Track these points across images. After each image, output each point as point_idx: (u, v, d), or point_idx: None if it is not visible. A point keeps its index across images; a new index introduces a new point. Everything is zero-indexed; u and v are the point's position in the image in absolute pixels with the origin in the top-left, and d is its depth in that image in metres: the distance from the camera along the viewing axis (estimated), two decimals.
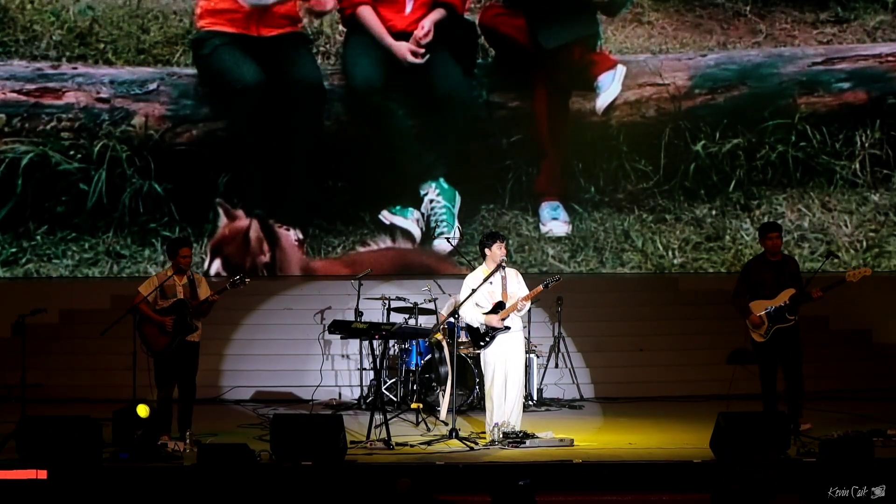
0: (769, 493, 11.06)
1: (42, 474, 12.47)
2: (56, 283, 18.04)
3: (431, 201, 18.36)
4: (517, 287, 14.13)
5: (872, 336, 17.37)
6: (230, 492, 11.88)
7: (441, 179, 18.38)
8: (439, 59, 18.24)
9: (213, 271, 17.90)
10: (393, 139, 18.33)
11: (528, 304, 14.35)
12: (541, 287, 14.11)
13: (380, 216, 18.44)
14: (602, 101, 18.41)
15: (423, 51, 18.01)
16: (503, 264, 14.13)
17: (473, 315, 14.07)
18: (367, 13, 18.17)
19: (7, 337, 15.17)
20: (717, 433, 13.18)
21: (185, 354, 14.10)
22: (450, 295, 16.45)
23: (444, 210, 18.30)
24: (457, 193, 18.37)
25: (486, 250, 14.17)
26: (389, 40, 18.14)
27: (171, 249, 14.32)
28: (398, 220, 18.44)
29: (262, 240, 18.12)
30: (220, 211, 18.22)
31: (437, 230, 18.23)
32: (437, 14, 18.17)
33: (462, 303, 14.24)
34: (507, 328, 14.07)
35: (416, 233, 18.39)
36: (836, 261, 17.79)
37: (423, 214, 18.43)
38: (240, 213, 18.24)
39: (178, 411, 14.11)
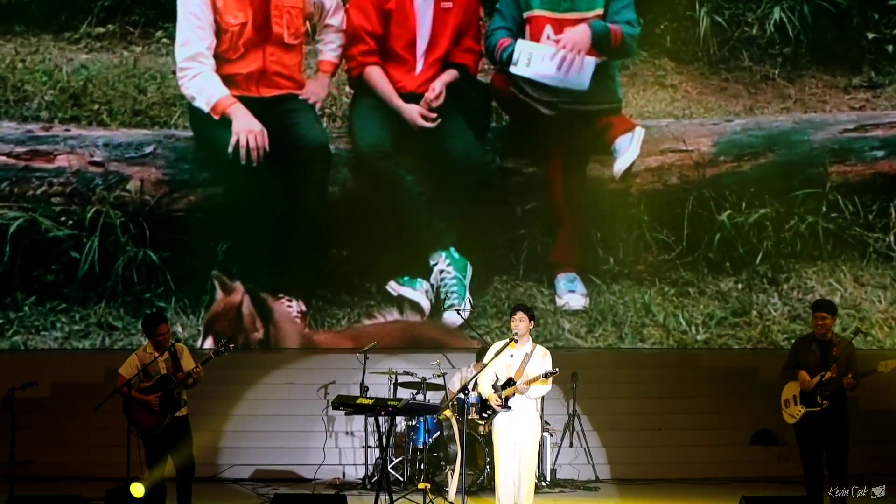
0: None
1: None
2: (48, 356, 17.99)
3: (441, 272, 18.35)
4: (538, 367, 14.02)
5: None
6: None
7: (452, 249, 18.34)
8: (451, 123, 18.24)
9: (205, 347, 17.77)
10: (401, 206, 18.31)
11: (534, 391, 14.12)
12: (541, 376, 13.92)
13: (387, 287, 18.40)
14: (620, 165, 18.34)
15: (434, 115, 18.03)
16: (516, 339, 13.87)
17: (483, 386, 14.09)
18: (375, 73, 18.20)
19: None
20: None
21: (177, 430, 14.00)
22: (458, 370, 16.57)
23: (454, 281, 18.30)
24: (468, 263, 18.36)
25: (510, 320, 14.25)
26: (399, 102, 18.15)
27: (147, 327, 14.16)
28: (406, 292, 18.42)
29: (255, 316, 18.13)
30: (217, 284, 18.17)
31: (447, 302, 18.24)
32: (449, 76, 18.21)
33: (479, 372, 14.21)
34: (508, 408, 14.02)
35: (426, 305, 18.37)
36: (868, 338, 18.02)
37: (432, 285, 18.41)
38: (237, 285, 18.21)
39: (177, 490, 14.03)
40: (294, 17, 17.87)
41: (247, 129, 17.60)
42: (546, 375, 13.97)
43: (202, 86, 17.75)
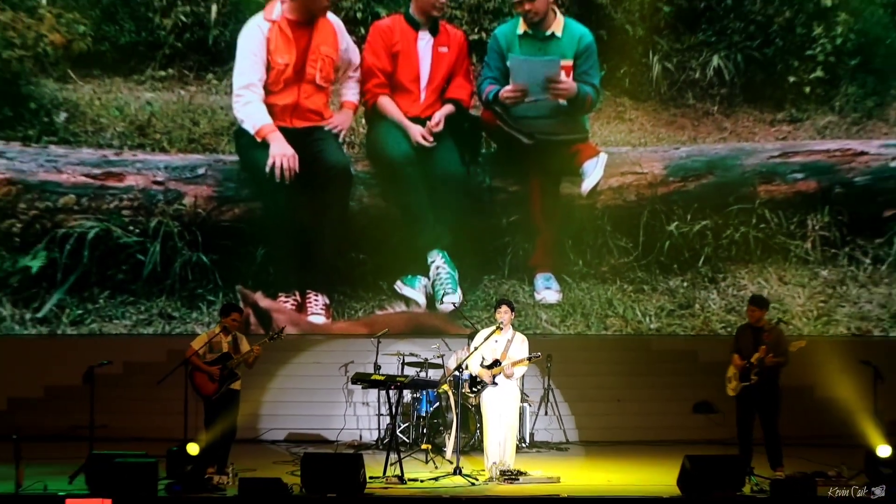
0: None
1: (107, 503, 12.65)
2: (119, 339, 17.92)
3: (438, 267, 18.22)
4: (518, 352, 14.31)
5: (814, 391, 17.45)
6: None
7: (446, 251, 18.21)
8: (449, 148, 18.12)
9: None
10: (412, 206, 18.08)
11: (517, 371, 14.37)
12: (524, 359, 14.26)
13: (395, 286, 18.35)
14: (587, 184, 18.18)
15: (431, 137, 17.86)
16: (502, 327, 14.21)
17: (473, 365, 14.34)
18: (386, 102, 18.05)
19: (78, 385, 15.00)
20: (682, 473, 13.39)
21: (229, 399, 14.38)
22: (454, 352, 16.64)
23: (448, 276, 18.19)
24: (455, 266, 18.33)
25: (494, 312, 14.56)
26: (406, 122, 17.98)
27: (224, 312, 14.58)
28: (407, 291, 18.34)
29: (257, 323, 17.94)
30: (239, 295, 18.06)
31: (442, 292, 18.13)
32: (448, 109, 18.04)
33: (471, 354, 14.45)
34: (495, 384, 14.28)
35: (422, 301, 18.27)
36: (790, 326, 17.97)
37: (429, 279, 18.25)
38: (258, 295, 18.09)
39: (218, 448, 14.19)
40: (326, 65, 17.75)
41: (281, 154, 17.50)
42: (530, 359, 14.32)
43: (251, 112, 17.62)
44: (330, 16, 17.89)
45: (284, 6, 17.64)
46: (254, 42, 17.68)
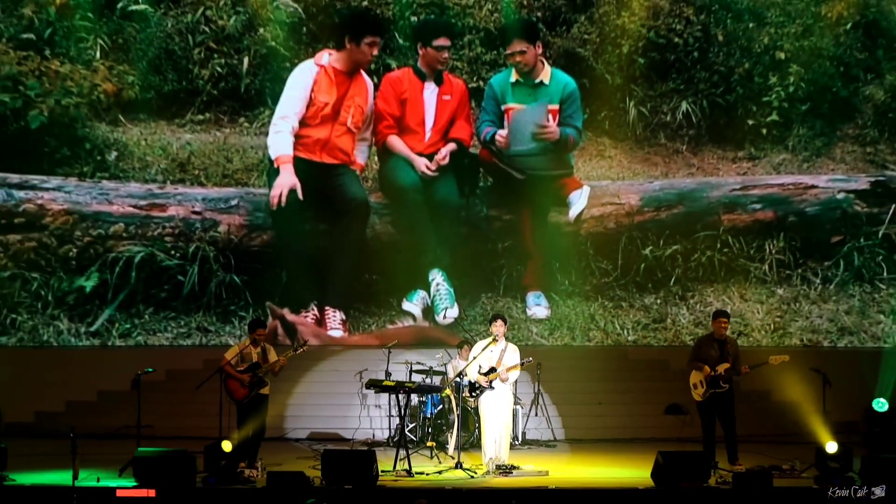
0: None
1: (152, 493, 13.03)
2: (162, 350, 17.89)
3: (437, 284, 18.09)
4: (511, 360, 14.49)
5: (771, 395, 17.44)
6: None
7: (445, 272, 18.06)
8: (451, 181, 18.00)
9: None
10: (417, 228, 17.96)
11: (511, 375, 14.49)
12: (518, 364, 14.45)
13: (402, 304, 18.26)
14: (572, 214, 18.07)
15: (435, 168, 17.77)
16: (497, 338, 14.41)
17: (471, 373, 14.52)
18: (395, 140, 17.94)
19: (127, 390, 15.24)
20: (656, 467, 13.61)
21: (259, 403, 14.59)
22: (452, 359, 16.92)
23: (446, 292, 18.07)
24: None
25: (490, 326, 14.72)
26: (412, 156, 17.87)
27: (252, 326, 14.76)
28: (405, 305, 18.21)
29: (283, 334, 17.74)
30: (268, 310, 17.93)
31: (441, 306, 18.02)
32: (451, 146, 17.94)
33: (468, 363, 14.63)
34: (492, 388, 14.44)
35: (418, 313, 18.13)
36: (750, 339, 17.99)
37: (430, 294, 18.08)
38: (285, 311, 17.94)
39: (249, 446, 14.43)
40: (357, 112, 17.74)
41: (281, 184, 17.36)
42: (523, 364, 14.52)
43: (277, 141, 17.54)
44: (364, 75, 17.93)
45: (332, 57, 17.68)
46: (302, 80, 17.66)
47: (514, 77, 17.97)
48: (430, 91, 18.01)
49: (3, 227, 18.06)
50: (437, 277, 18.20)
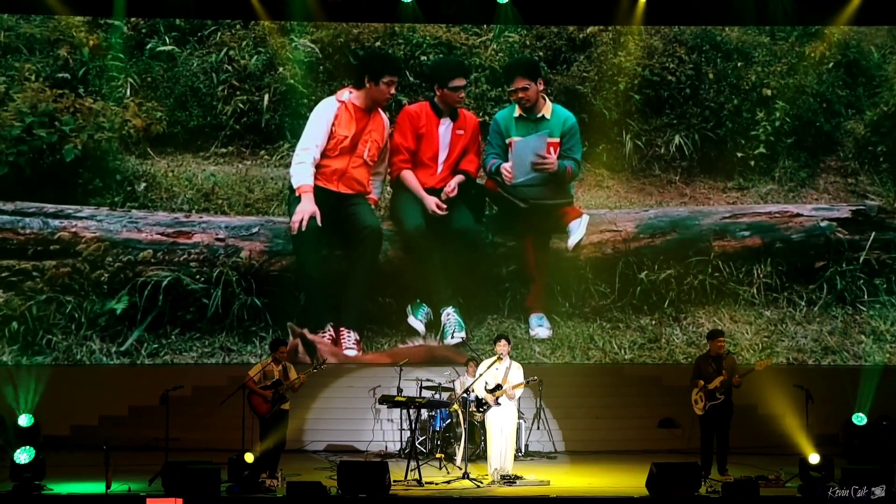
0: None
1: (179, 501, 13.07)
2: (189, 368, 17.89)
3: (448, 315, 18.13)
4: (515, 377, 14.68)
5: (757, 409, 17.63)
6: None
7: (457, 307, 18.14)
8: (459, 210, 18.03)
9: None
10: (425, 270, 18.04)
11: (517, 392, 14.68)
12: (523, 382, 14.64)
13: (408, 318, 18.25)
14: (572, 241, 18.10)
15: (445, 206, 17.80)
16: (501, 357, 14.64)
17: (478, 389, 14.71)
18: (408, 176, 18.05)
19: (156, 405, 15.39)
20: (650, 477, 13.80)
21: (280, 418, 14.75)
22: (460, 376, 17.05)
23: (456, 322, 18.12)
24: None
25: (495, 345, 14.97)
26: (423, 194, 17.92)
27: (273, 346, 14.99)
28: (410, 320, 18.19)
29: (304, 352, 17.70)
30: (289, 330, 17.90)
31: (451, 332, 18.05)
32: (460, 178, 18.02)
33: (475, 380, 14.81)
34: (498, 404, 14.62)
35: (422, 330, 18.17)
36: (739, 357, 17.59)
37: (442, 324, 18.07)
38: (305, 330, 17.91)
39: (269, 457, 14.56)
40: (373, 147, 17.89)
41: (302, 210, 17.51)
42: (527, 382, 14.72)
43: (299, 171, 17.68)
44: (382, 112, 18.07)
45: (352, 94, 17.86)
46: (324, 114, 17.84)
47: (517, 112, 18.07)
48: (446, 127, 18.13)
49: (40, 253, 18.06)
50: (450, 311, 18.28)
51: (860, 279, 18.53)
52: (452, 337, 18.16)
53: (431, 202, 17.93)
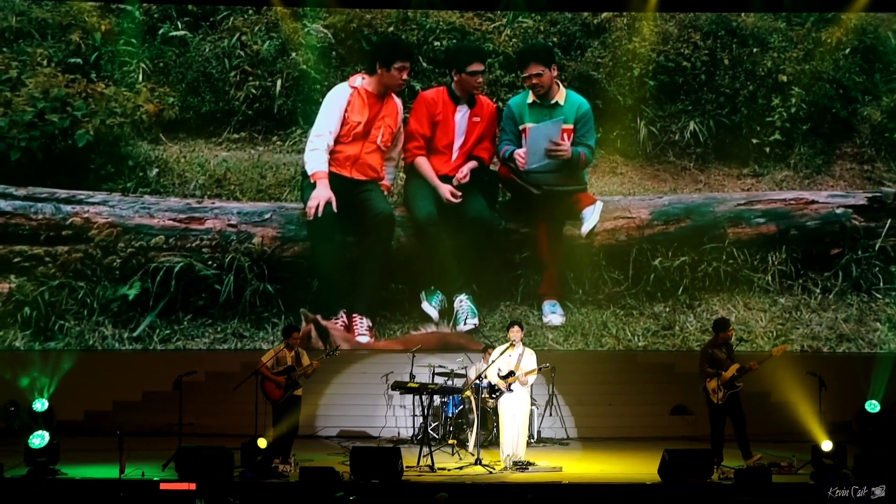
0: None
1: (192, 486, 13.15)
2: (202, 353, 17.94)
3: (461, 301, 18.23)
4: (528, 363, 14.76)
5: (770, 396, 17.73)
6: (322, 501, 12.45)
7: (470, 295, 18.22)
8: (472, 197, 18.04)
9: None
10: (438, 257, 18.10)
11: (529, 379, 14.78)
12: (536, 369, 14.73)
13: (422, 304, 18.36)
14: (586, 227, 18.11)
15: (459, 193, 17.85)
16: (514, 344, 14.74)
17: (491, 376, 14.83)
18: (422, 162, 18.08)
19: (170, 391, 15.45)
20: (662, 464, 13.92)
21: (293, 403, 14.89)
22: (474, 364, 17.11)
23: (468, 308, 18.20)
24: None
25: (508, 331, 15.09)
26: (437, 182, 17.95)
27: (286, 332, 15.09)
28: (424, 305, 18.29)
29: (317, 338, 17.81)
30: (302, 316, 17.93)
31: (464, 318, 18.14)
32: (472, 164, 18.05)
33: (488, 366, 14.97)
34: (511, 391, 14.73)
35: (435, 316, 18.24)
36: (753, 345, 18.10)
37: (454, 311, 18.16)
38: (318, 316, 17.99)
39: (282, 442, 14.68)
40: (386, 132, 17.92)
41: (318, 196, 17.58)
42: (540, 368, 14.81)
43: (313, 158, 17.75)
44: (395, 97, 18.12)
45: (364, 80, 17.91)
46: (337, 100, 17.89)
47: (530, 98, 18.10)
48: (462, 114, 18.17)
49: (52, 238, 18.16)
50: (463, 298, 18.36)
51: (876, 266, 18.59)
52: (465, 324, 18.22)
53: (446, 190, 17.98)
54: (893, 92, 19.02)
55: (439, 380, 17.26)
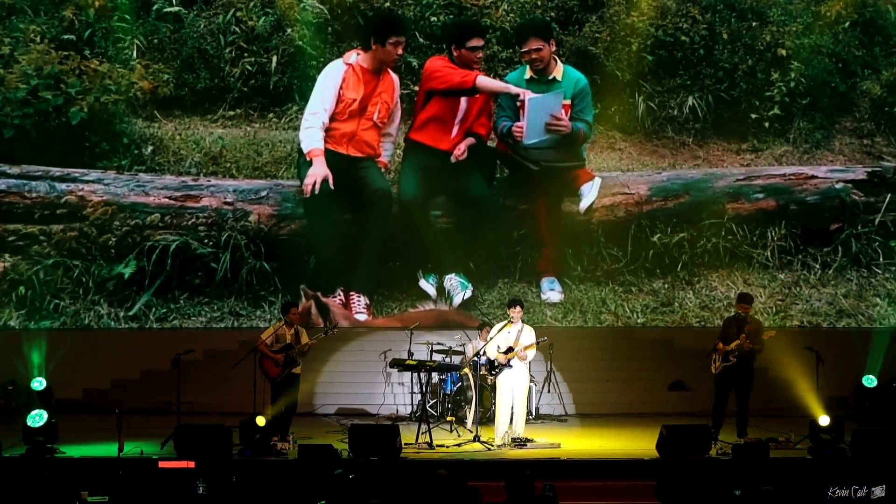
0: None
1: (191, 464, 13.33)
2: (200, 331, 17.99)
3: (451, 280, 18.21)
4: (527, 340, 14.99)
5: (768, 371, 17.61)
6: (321, 479, 12.46)
7: (461, 273, 18.18)
8: (470, 173, 18.06)
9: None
10: (424, 238, 18.18)
11: (528, 354, 15.02)
12: (535, 343, 14.97)
13: (418, 274, 18.38)
14: (584, 204, 18.15)
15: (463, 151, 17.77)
16: (513, 321, 15.03)
17: (490, 352, 15.08)
18: (484, 78, 17.85)
19: (168, 369, 15.68)
20: (660, 439, 14.17)
21: (291, 381, 15.14)
22: (471, 341, 17.31)
23: (458, 284, 18.19)
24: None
25: (509, 309, 15.32)
26: (510, 87, 17.73)
27: (284, 309, 15.34)
28: (423, 283, 18.27)
29: (318, 314, 17.78)
30: (302, 293, 17.90)
31: (455, 293, 18.14)
32: (470, 140, 18.01)
33: (487, 343, 15.19)
34: (510, 366, 14.98)
35: (433, 294, 18.22)
36: None
37: (445, 289, 18.16)
38: (318, 293, 17.97)
39: (281, 420, 14.94)
40: (383, 108, 17.90)
41: (314, 173, 17.55)
42: (538, 343, 15.04)
43: (309, 135, 17.69)
44: (392, 73, 18.12)
45: (359, 56, 17.90)
46: (332, 77, 17.84)
47: (528, 74, 18.10)
48: None
49: (47, 217, 18.19)
50: (452, 277, 18.39)
51: (875, 241, 18.69)
52: (461, 298, 18.23)
53: (520, 92, 17.65)
54: (893, 66, 19.11)
55: (437, 357, 17.46)
